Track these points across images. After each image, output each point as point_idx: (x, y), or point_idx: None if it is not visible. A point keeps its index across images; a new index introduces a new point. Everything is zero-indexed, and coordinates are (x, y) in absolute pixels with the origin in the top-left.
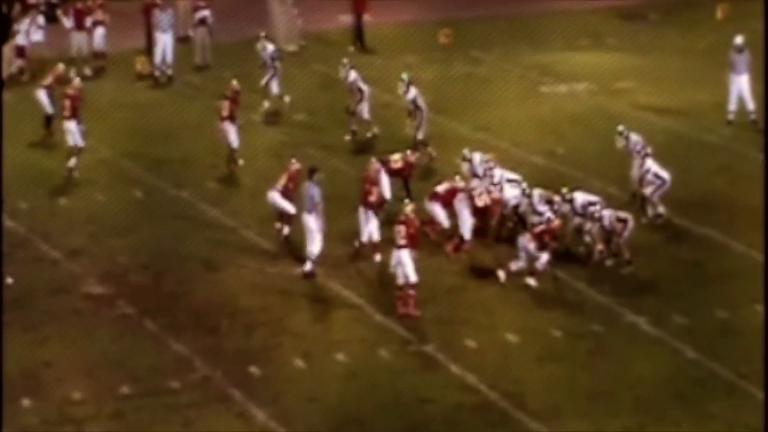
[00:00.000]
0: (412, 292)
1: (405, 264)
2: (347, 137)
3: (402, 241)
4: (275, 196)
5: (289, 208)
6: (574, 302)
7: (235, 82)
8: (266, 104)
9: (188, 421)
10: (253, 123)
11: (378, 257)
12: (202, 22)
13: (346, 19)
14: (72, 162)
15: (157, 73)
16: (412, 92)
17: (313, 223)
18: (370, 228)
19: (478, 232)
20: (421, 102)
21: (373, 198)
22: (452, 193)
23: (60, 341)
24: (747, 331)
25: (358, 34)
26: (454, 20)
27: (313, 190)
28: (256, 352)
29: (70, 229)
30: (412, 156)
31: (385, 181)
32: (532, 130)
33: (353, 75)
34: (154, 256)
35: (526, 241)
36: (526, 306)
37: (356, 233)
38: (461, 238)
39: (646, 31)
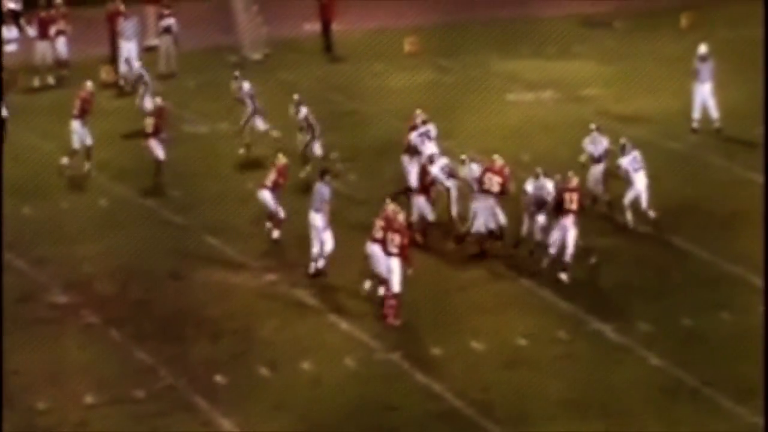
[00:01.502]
0: (393, 302)
1: (394, 272)
2: (335, 156)
3: (394, 250)
4: (266, 195)
5: (279, 211)
6: (539, 309)
7: (159, 99)
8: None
9: (154, 429)
10: (219, 132)
11: (368, 284)
12: (167, 30)
13: (312, 26)
14: (65, 160)
15: (121, 82)
16: (303, 111)
17: (319, 221)
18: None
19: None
20: (312, 119)
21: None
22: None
23: (25, 350)
24: (712, 338)
25: (326, 41)
26: (421, 28)
27: (323, 190)
28: (221, 361)
29: (35, 237)
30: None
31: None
32: (498, 137)
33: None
34: (120, 264)
35: (569, 223)
36: (492, 314)
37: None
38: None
39: (612, 39)
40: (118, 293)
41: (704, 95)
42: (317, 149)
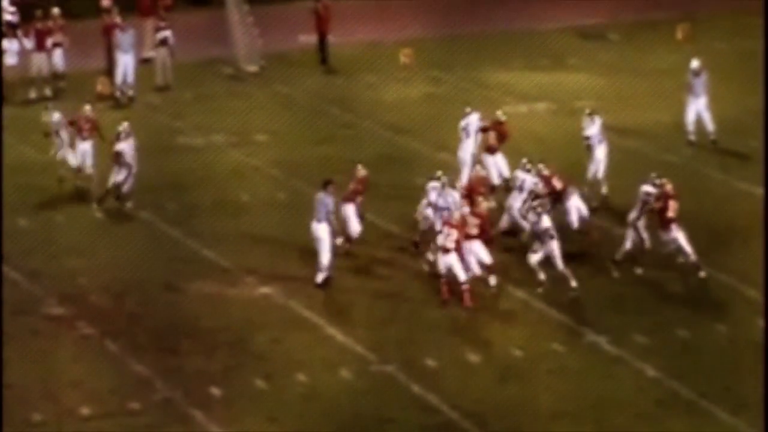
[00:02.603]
0: (467, 287)
1: (453, 266)
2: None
3: (450, 245)
4: (349, 209)
5: (355, 227)
6: (534, 321)
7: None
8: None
9: None
10: (215, 144)
11: (493, 280)
12: (163, 42)
13: (307, 39)
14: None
15: (117, 94)
16: (121, 145)
17: (323, 232)
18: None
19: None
20: (129, 158)
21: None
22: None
23: (20, 363)
24: (708, 350)
25: (321, 54)
26: (415, 40)
27: (327, 200)
28: (217, 373)
29: (30, 250)
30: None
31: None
32: None
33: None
34: (115, 277)
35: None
36: (487, 325)
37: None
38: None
39: (606, 51)
40: (113, 305)
41: (699, 109)
42: (127, 186)
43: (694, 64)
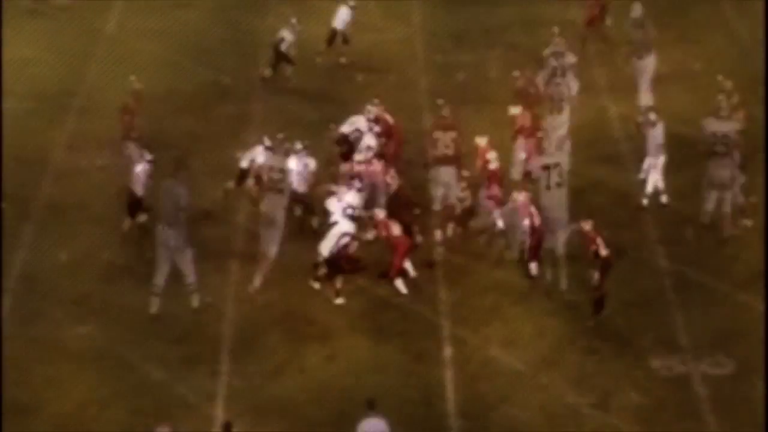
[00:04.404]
0: None
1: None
2: None
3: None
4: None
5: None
6: (490, 373)
7: None
8: None
9: None
10: (8, 112)
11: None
12: None
13: None
14: None
15: None
16: None
17: (173, 238)
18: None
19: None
20: None
21: None
22: None
23: None
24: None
25: None
26: None
27: (177, 191)
28: None
29: None
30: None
31: None
32: None
33: None
34: None
35: None
36: (408, 384)
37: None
38: None
39: None
40: None
41: (645, 76)
42: None
43: (636, 12)
